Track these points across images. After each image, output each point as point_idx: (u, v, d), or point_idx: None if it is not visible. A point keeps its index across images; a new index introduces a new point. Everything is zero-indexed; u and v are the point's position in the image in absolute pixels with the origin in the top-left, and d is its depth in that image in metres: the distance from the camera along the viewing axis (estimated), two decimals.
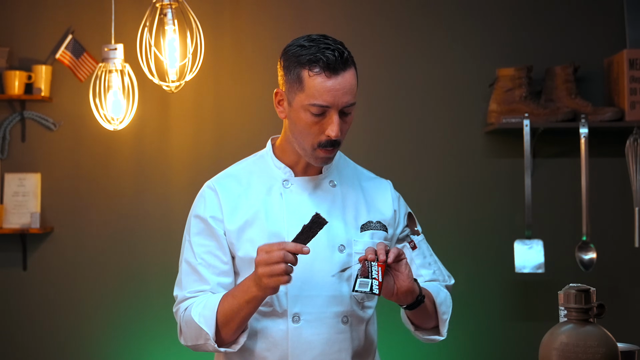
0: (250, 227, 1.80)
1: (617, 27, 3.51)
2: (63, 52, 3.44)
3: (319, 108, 1.71)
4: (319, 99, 1.70)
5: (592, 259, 3.31)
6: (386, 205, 1.92)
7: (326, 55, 1.70)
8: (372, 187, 1.93)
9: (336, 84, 1.70)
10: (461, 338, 3.49)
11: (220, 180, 1.87)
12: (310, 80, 1.70)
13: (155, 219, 3.53)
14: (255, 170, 1.87)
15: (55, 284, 3.52)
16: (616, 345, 1.40)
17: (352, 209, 1.86)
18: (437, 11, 3.54)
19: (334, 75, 1.70)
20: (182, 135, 3.54)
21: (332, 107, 1.71)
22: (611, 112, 3.30)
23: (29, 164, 3.53)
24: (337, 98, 1.70)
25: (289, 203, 1.81)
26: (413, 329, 1.88)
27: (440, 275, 1.98)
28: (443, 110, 3.53)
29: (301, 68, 1.71)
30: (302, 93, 1.72)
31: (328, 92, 1.70)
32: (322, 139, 1.74)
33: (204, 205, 1.83)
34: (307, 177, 1.85)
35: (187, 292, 1.81)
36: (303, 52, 1.72)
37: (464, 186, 3.51)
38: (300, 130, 1.75)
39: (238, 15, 3.55)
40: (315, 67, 1.70)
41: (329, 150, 1.75)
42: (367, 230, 1.85)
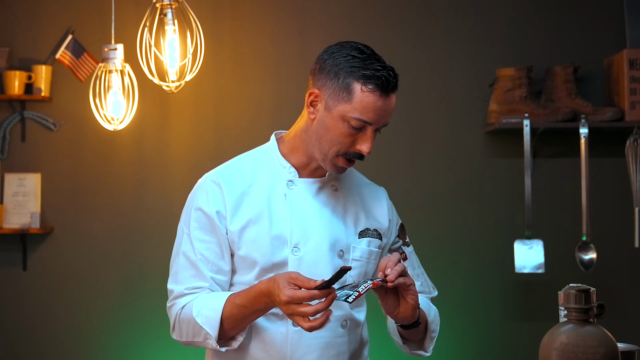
0: (253, 227, 1.78)
1: (617, 27, 3.51)
2: (63, 52, 3.44)
3: (360, 123, 1.71)
4: (365, 115, 1.70)
5: (592, 259, 3.31)
6: (382, 213, 1.91)
7: (384, 75, 1.69)
8: (369, 193, 1.93)
9: (385, 105, 1.71)
10: (461, 338, 3.49)
11: (223, 174, 1.83)
12: (361, 94, 1.69)
13: (155, 218, 3.53)
14: (258, 166, 1.84)
15: (55, 284, 3.52)
16: (616, 345, 1.40)
17: (352, 214, 1.86)
18: (437, 11, 3.54)
19: (385, 96, 1.71)
20: (182, 135, 3.54)
21: (373, 124, 1.72)
22: (611, 112, 3.30)
23: (29, 164, 3.53)
24: (381, 118, 1.72)
25: (293, 205, 1.80)
26: (401, 342, 1.86)
27: (427, 287, 1.98)
28: (443, 110, 3.53)
29: (354, 79, 1.70)
30: (347, 104, 1.70)
31: (376, 111, 1.70)
32: (351, 150, 1.74)
33: (206, 199, 1.80)
34: (311, 180, 1.83)
35: (184, 287, 1.78)
36: (356, 63, 1.71)
37: (464, 186, 3.51)
38: (331, 137, 1.74)
39: (238, 15, 3.55)
40: (371, 84, 1.69)
41: (352, 162, 1.77)
42: (365, 238, 1.85)
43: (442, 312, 3.55)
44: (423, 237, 3.49)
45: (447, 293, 3.48)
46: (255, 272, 1.78)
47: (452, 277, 3.49)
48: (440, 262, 3.47)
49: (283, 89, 3.53)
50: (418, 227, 3.48)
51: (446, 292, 3.47)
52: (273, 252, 1.77)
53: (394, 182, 3.52)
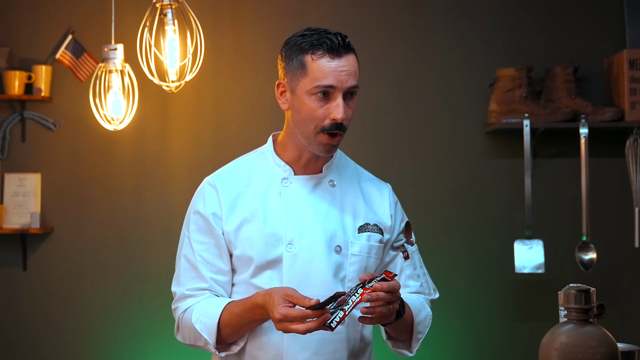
0: (248, 226, 1.79)
1: (617, 27, 3.51)
2: (63, 52, 3.44)
3: (322, 89, 1.72)
4: (324, 80, 1.72)
5: (592, 259, 3.31)
6: (384, 209, 1.90)
7: (329, 38, 1.73)
8: (371, 188, 1.92)
9: (340, 65, 1.73)
10: (461, 338, 3.49)
11: (220, 176, 1.86)
12: (314, 63, 1.73)
13: (155, 218, 3.53)
14: (255, 167, 1.87)
15: (55, 284, 3.52)
16: (616, 345, 1.40)
17: (351, 209, 1.85)
18: (437, 11, 3.54)
19: (337, 57, 1.73)
20: (182, 135, 3.54)
21: (336, 88, 1.73)
22: (611, 112, 3.30)
23: (29, 164, 3.53)
24: (341, 79, 1.73)
25: (287, 202, 1.81)
26: (385, 337, 1.87)
27: (427, 289, 1.96)
28: (443, 110, 3.53)
29: (304, 54, 1.74)
30: (305, 78, 1.74)
31: (332, 73, 1.72)
32: (327, 123, 1.74)
33: (203, 202, 1.83)
34: (307, 176, 1.84)
35: (185, 289, 1.81)
36: (305, 39, 1.75)
37: (464, 186, 3.51)
38: (303, 117, 1.76)
39: (238, 15, 3.55)
40: (319, 50, 1.73)
41: (333, 136, 1.76)
42: (365, 232, 1.84)
43: (442, 312, 3.56)
44: (423, 237, 3.48)
45: (447, 293, 3.48)
46: (250, 270, 1.79)
47: (452, 277, 3.49)
48: (440, 262, 3.46)
49: None
50: (418, 227, 3.46)
51: (446, 292, 3.47)
52: (267, 249, 1.78)
53: (393, 182, 3.50)
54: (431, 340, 3.47)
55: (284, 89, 1.80)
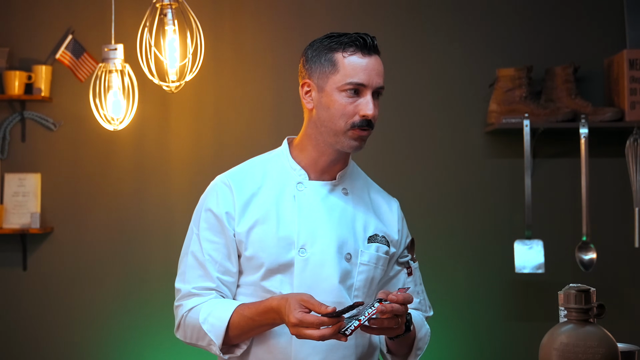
0: (261, 228, 1.78)
1: (617, 27, 3.51)
2: (63, 52, 3.44)
3: (354, 86, 1.75)
4: (355, 77, 1.76)
5: (592, 259, 3.31)
6: (392, 222, 1.92)
7: (361, 37, 1.78)
8: (381, 201, 1.93)
9: (370, 63, 1.78)
10: (461, 338, 3.49)
11: (234, 176, 1.84)
12: (345, 60, 1.76)
13: (155, 218, 3.53)
14: (269, 169, 1.86)
15: (55, 284, 3.52)
16: (616, 345, 1.40)
17: (362, 219, 1.85)
18: (437, 11, 3.54)
19: (368, 55, 1.78)
20: (182, 135, 3.54)
21: (367, 85, 1.76)
22: (611, 112, 3.30)
23: (29, 164, 3.53)
24: (371, 77, 1.77)
25: (301, 206, 1.80)
26: (385, 351, 1.87)
27: (424, 306, 1.96)
28: (443, 110, 3.53)
29: (334, 52, 1.77)
30: (336, 75, 1.76)
31: (364, 71, 1.76)
32: (357, 119, 1.76)
33: (216, 200, 1.81)
34: (321, 182, 1.84)
35: (191, 287, 1.79)
36: (333, 40, 1.79)
37: (464, 186, 3.51)
38: (333, 114, 1.77)
39: (238, 15, 3.55)
40: (351, 47, 1.77)
41: (363, 129, 1.77)
42: (374, 243, 1.85)
43: (442, 311, 3.56)
44: (423, 237, 3.48)
45: (447, 293, 3.49)
46: (261, 272, 1.78)
47: (452, 277, 3.49)
48: (440, 262, 3.47)
49: (283, 89, 3.53)
50: (418, 227, 3.47)
51: (446, 292, 3.49)
52: (279, 252, 1.77)
53: (393, 182, 3.52)
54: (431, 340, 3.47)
55: (310, 89, 1.81)
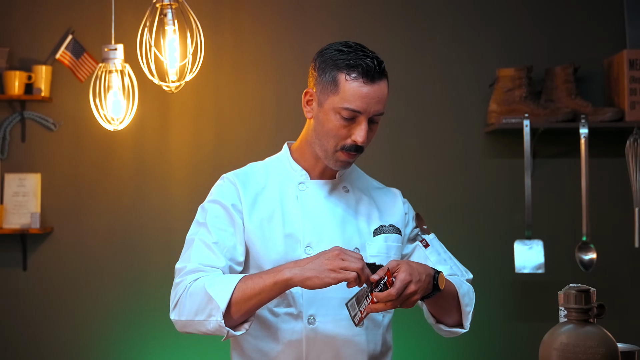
0: (267, 226, 1.80)
1: (617, 27, 3.51)
2: (63, 52, 3.44)
3: (350, 112, 1.74)
4: (353, 103, 1.73)
5: (592, 259, 3.31)
6: (397, 209, 1.93)
7: (366, 62, 1.73)
8: (382, 195, 1.95)
9: (371, 91, 1.74)
10: (461, 338, 3.48)
11: (239, 175, 1.87)
12: (346, 84, 1.73)
13: (155, 218, 3.53)
14: (271, 171, 1.89)
15: (55, 284, 3.52)
16: (616, 345, 1.40)
17: (365, 214, 1.87)
18: (437, 11, 3.54)
19: (370, 82, 1.73)
20: (182, 135, 3.54)
21: (363, 113, 1.74)
22: (611, 112, 3.30)
23: (29, 164, 3.53)
24: (369, 105, 1.74)
25: (305, 205, 1.82)
26: (434, 322, 1.88)
27: (458, 270, 1.97)
28: (443, 110, 3.53)
29: (338, 71, 1.74)
30: (336, 95, 1.74)
31: (362, 99, 1.73)
32: (347, 142, 1.76)
33: (222, 194, 1.82)
34: (322, 181, 1.86)
35: (198, 263, 1.73)
36: (341, 56, 1.75)
37: (464, 186, 3.51)
38: (326, 132, 1.77)
39: (238, 15, 3.55)
40: (354, 72, 1.73)
41: (351, 154, 1.78)
42: (380, 234, 1.86)
43: None
44: None
45: None
46: None
47: None
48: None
49: (283, 89, 3.53)
50: None
51: None
52: (286, 250, 1.78)
53: (393, 182, 3.51)
54: (431, 340, 3.48)
55: (311, 99, 1.81)
